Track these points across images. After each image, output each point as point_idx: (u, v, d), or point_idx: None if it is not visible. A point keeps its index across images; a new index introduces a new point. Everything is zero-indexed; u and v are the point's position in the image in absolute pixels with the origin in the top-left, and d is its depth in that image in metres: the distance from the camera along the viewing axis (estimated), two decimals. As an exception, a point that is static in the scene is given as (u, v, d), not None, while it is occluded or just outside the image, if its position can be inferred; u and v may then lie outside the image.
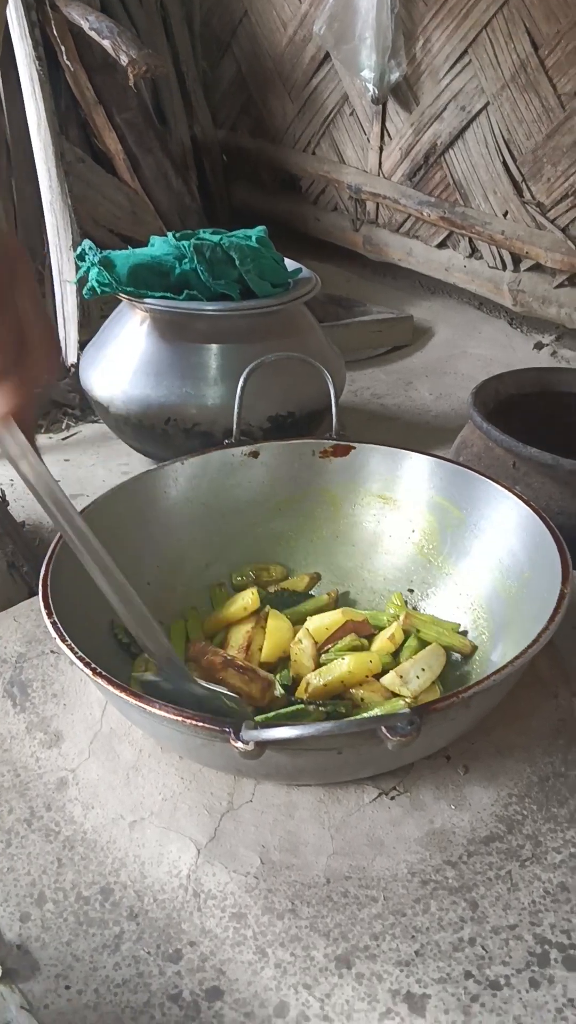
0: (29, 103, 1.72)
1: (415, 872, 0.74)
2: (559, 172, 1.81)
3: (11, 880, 0.74)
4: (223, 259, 1.26)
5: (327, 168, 2.30)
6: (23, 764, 0.85)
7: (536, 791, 0.80)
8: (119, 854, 0.76)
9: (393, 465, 1.05)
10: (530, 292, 1.92)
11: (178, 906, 0.72)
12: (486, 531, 0.97)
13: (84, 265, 1.27)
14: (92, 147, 2.05)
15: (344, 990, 0.65)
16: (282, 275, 1.33)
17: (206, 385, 1.26)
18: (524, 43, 1.77)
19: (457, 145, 1.99)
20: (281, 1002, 0.65)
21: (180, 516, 1.03)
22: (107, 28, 1.75)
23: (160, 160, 2.08)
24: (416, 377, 1.82)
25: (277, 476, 1.07)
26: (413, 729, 0.63)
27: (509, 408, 1.22)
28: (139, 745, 0.86)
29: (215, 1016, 0.64)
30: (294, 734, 0.63)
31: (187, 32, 2.36)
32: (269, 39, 2.32)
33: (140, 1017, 0.64)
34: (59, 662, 0.96)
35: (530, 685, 0.91)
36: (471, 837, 0.76)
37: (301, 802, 0.80)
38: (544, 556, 0.86)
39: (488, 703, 0.79)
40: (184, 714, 0.67)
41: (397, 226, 2.21)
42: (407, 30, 1.95)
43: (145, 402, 1.26)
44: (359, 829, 0.77)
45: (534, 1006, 0.64)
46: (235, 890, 0.73)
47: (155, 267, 1.27)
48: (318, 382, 1.09)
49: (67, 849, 0.77)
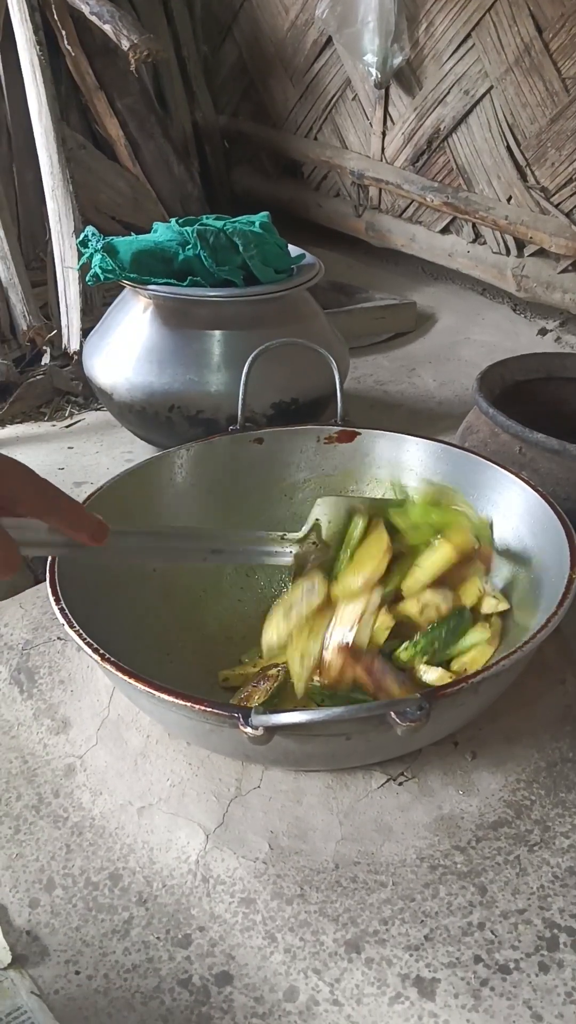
0: (30, 88, 1.71)
1: (424, 857, 0.74)
2: (563, 156, 1.79)
3: (20, 866, 0.74)
4: (227, 245, 1.25)
5: (329, 153, 2.29)
6: (31, 751, 0.85)
7: (544, 776, 0.81)
8: (128, 840, 0.76)
9: (399, 451, 1.05)
10: (534, 278, 1.91)
11: (187, 891, 0.72)
12: (493, 517, 0.97)
13: (87, 252, 1.26)
14: (93, 133, 2.04)
15: (354, 975, 0.65)
16: (286, 261, 1.32)
17: (210, 372, 1.25)
18: (528, 26, 1.75)
19: (460, 130, 1.97)
20: (291, 987, 0.65)
21: (185, 503, 1.02)
22: (108, 12, 1.73)
23: (161, 146, 2.07)
24: (419, 363, 1.82)
25: (282, 462, 1.07)
26: (422, 714, 0.63)
27: (514, 394, 1.21)
28: (147, 731, 0.86)
29: (225, 1001, 0.64)
30: (304, 719, 0.63)
31: (188, 16, 2.34)
32: (270, 23, 2.30)
33: (150, 1002, 0.65)
34: (66, 649, 0.96)
35: (537, 671, 0.91)
36: (479, 822, 0.77)
37: (309, 788, 0.80)
38: (552, 541, 0.86)
39: (496, 688, 0.79)
40: (192, 699, 0.67)
41: (400, 212, 2.19)
42: (410, 14, 1.94)
43: (149, 389, 1.25)
44: (367, 815, 0.77)
45: (544, 990, 0.64)
46: (244, 875, 0.73)
47: (158, 253, 1.26)
48: (322, 368, 1.09)
49: (76, 835, 0.77)
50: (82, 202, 1.74)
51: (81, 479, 1.36)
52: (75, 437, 1.50)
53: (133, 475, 0.98)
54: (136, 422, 1.33)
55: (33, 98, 1.71)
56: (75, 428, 1.54)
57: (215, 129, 2.48)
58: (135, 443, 1.44)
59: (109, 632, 0.85)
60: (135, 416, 1.30)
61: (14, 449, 1.45)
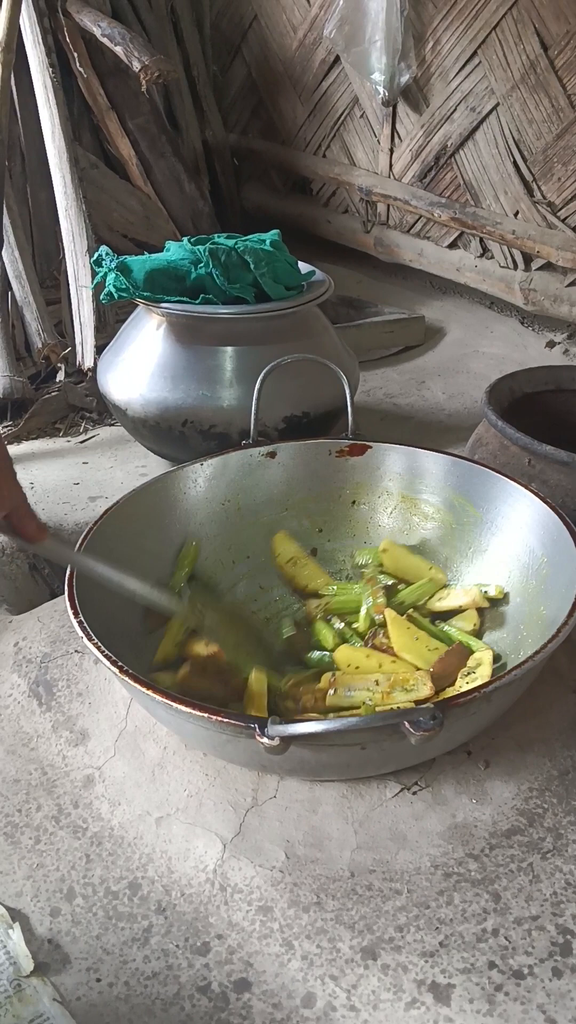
0: (43, 110, 1.74)
1: (438, 865, 0.75)
2: (569, 171, 1.81)
3: (41, 876, 0.75)
4: (238, 263, 1.27)
5: (338, 170, 2.31)
6: (50, 762, 0.87)
7: (556, 785, 0.81)
8: (146, 850, 0.77)
9: (409, 464, 1.06)
10: (542, 291, 1.93)
11: (205, 900, 0.73)
12: (503, 528, 0.98)
13: (101, 270, 1.28)
14: (105, 153, 2.07)
15: (370, 981, 0.66)
16: (296, 278, 1.34)
17: (222, 387, 1.27)
18: (534, 43, 1.77)
19: (467, 146, 1.99)
20: (308, 993, 0.66)
21: (199, 516, 1.04)
22: (119, 34, 1.76)
23: (172, 164, 2.09)
24: (429, 376, 1.83)
25: (295, 476, 1.08)
26: (436, 724, 0.64)
27: (523, 406, 1.23)
28: (164, 742, 0.87)
29: (243, 1007, 0.65)
30: (319, 728, 0.65)
31: (197, 36, 2.37)
32: (279, 42, 2.33)
33: (170, 1008, 0.66)
34: (83, 661, 0.98)
35: (549, 681, 0.92)
36: (493, 830, 0.77)
37: (324, 797, 0.81)
38: (562, 552, 0.87)
39: (508, 698, 0.80)
40: (210, 710, 0.68)
41: (408, 227, 2.21)
42: (417, 32, 1.96)
43: (162, 405, 1.27)
44: (382, 823, 0.78)
45: (557, 995, 0.65)
46: (261, 884, 0.74)
47: (171, 272, 1.28)
48: (332, 383, 1.11)
49: (95, 845, 0.78)
50: (95, 221, 1.76)
51: (96, 493, 1.37)
52: (90, 452, 1.52)
53: (150, 489, 1.00)
54: (150, 437, 1.34)
55: (46, 119, 1.74)
56: (90, 443, 1.56)
57: (225, 147, 2.51)
58: (148, 457, 1.46)
59: (125, 645, 0.87)
60: (149, 431, 1.32)
61: (30, 464, 1.47)
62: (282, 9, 2.28)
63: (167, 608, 0.89)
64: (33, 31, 1.75)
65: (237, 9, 2.40)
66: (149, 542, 0.98)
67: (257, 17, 2.35)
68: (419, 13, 1.94)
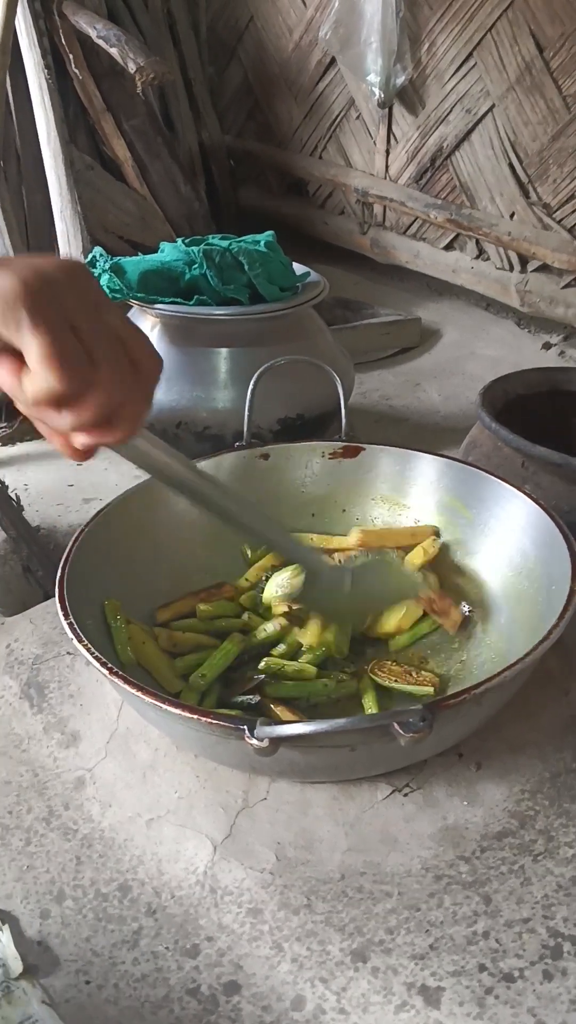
0: (38, 111, 1.74)
1: (429, 867, 0.74)
2: (565, 173, 1.81)
3: (31, 878, 0.75)
4: (232, 264, 1.27)
5: (334, 172, 2.32)
6: (41, 764, 0.86)
7: (548, 787, 0.81)
8: (136, 852, 0.77)
9: (402, 466, 1.06)
10: (537, 293, 1.93)
11: (195, 902, 0.73)
12: (496, 530, 0.98)
13: (95, 272, 1.28)
14: (101, 154, 2.07)
15: (360, 983, 0.66)
16: (291, 279, 1.34)
17: (216, 389, 1.27)
18: (529, 45, 1.77)
19: (463, 147, 2.00)
20: (298, 996, 0.66)
21: (192, 518, 1.03)
22: (114, 36, 1.76)
23: (168, 166, 2.09)
24: (424, 378, 1.83)
25: (288, 478, 1.08)
26: (425, 725, 0.64)
27: (517, 408, 1.22)
28: (155, 744, 0.87)
29: (233, 1010, 0.65)
30: (308, 730, 0.64)
31: (193, 38, 2.37)
32: (275, 44, 2.33)
33: (159, 1011, 0.65)
34: (75, 663, 0.98)
35: (541, 682, 0.91)
36: (484, 833, 0.77)
37: (315, 799, 0.81)
38: (554, 554, 0.87)
39: (499, 699, 0.80)
40: (199, 712, 0.68)
41: (404, 229, 2.22)
42: (412, 34, 1.96)
43: (156, 406, 1.25)
44: (373, 826, 0.78)
45: (548, 998, 0.65)
46: (251, 886, 0.74)
47: (165, 273, 1.28)
48: (327, 384, 1.10)
49: (85, 847, 0.78)
50: (90, 222, 1.76)
51: (90, 495, 1.37)
52: (84, 454, 1.51)
53: (142, 490, 0.99)
54: (144, 439, 1.34)
55: (41, 121, 1.74)
56: (84, 445, 1.55)
57: (221, 148, 2.51)
58: (143, 459, 1.46)
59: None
60: (143, 433, 1.31)
61: (24, 466, 1.47)
62: (278, 11, 2.28)
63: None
64: (29, 33, 1.75)
65: (233, 11, 2.40)
66: (143, 542, 0.98)
67: (253, 19, 2.36)
68: (414, 15, 1.94)
